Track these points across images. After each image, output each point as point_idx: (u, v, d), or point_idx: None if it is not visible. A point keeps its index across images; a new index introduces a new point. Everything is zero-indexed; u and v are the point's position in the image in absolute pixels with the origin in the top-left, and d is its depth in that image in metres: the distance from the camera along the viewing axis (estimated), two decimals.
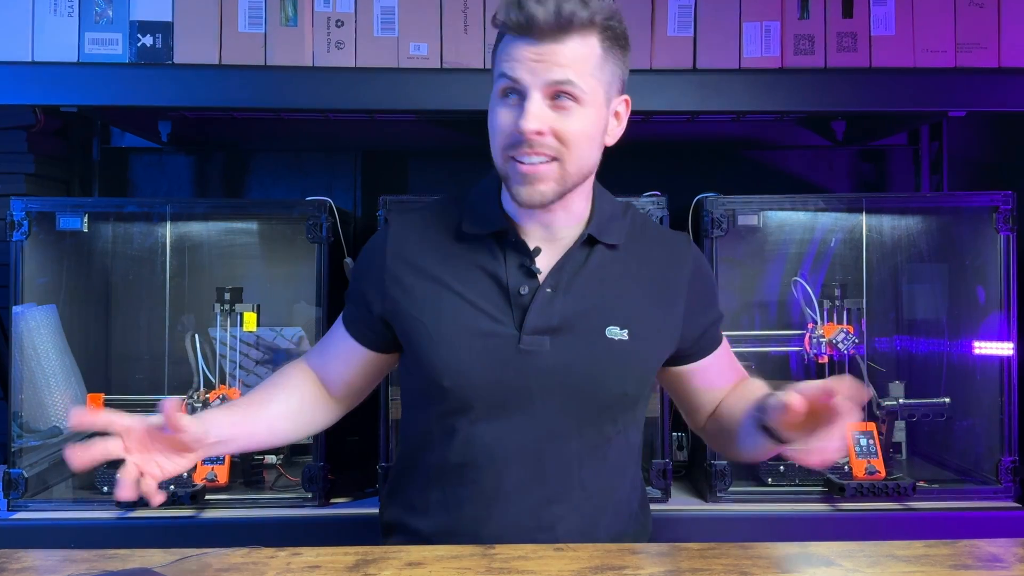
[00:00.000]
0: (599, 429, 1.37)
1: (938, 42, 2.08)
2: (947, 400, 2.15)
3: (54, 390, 2.16)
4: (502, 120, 1.28)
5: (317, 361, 1.50)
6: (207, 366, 2.20)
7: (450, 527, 1.37)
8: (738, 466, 2.08)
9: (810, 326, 2.20)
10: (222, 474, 2.05)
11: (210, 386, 2.17)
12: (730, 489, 2.07)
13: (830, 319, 2.21)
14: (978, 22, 2.08)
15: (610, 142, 1.36)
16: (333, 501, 2.10)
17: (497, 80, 1.29)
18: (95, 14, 2.04)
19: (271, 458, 2.22)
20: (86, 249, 2.32)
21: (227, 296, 2.16)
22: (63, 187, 2.49)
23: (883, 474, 2.06)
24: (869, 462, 2.06)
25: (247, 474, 2.14)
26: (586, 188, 1.37)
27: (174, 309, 2.22)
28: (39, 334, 2.14)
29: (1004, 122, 2.62)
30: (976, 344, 2.20)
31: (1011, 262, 2.10)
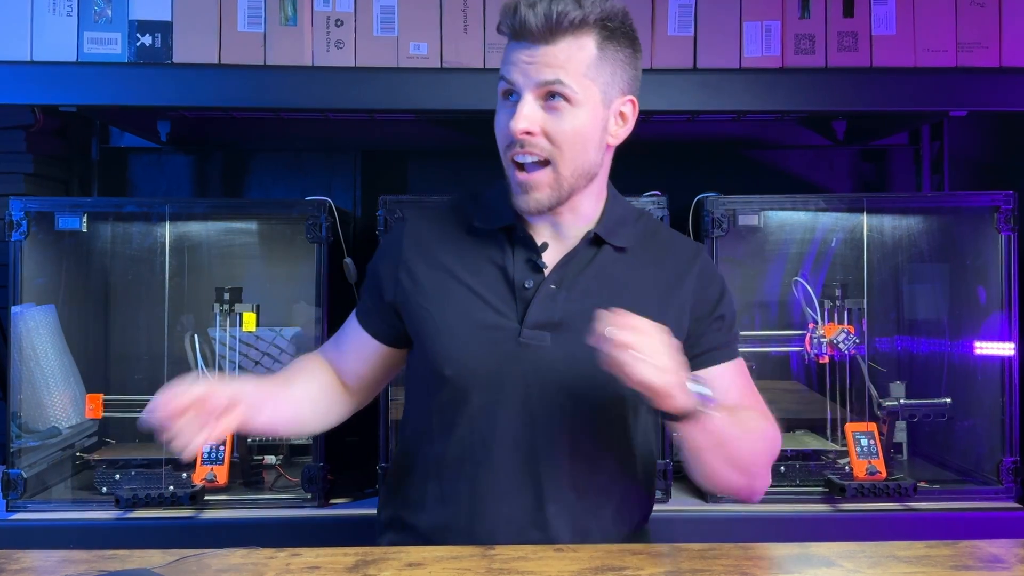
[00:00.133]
0: (596, 432, 1.37)
1: (939, 42, 2.08)
2: (948, 400, 2.15)
3: (53, 390, 2.16)
4: (501, 121, 1.33)
5: (332, 354, 1.53)
6: (206, 366, 2.20)
7: (445, 523, 1.38)
8: None
9: (811, 326, 2.20)
10: (221, 475, 2.05)
11: None
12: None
13: (831, 319, 2.20)
14: (979, 21, 2.08)
15: (613, 143, 1.37)
16: (333, 502, 2.10)
17: (499, 83, 1.33)
18: (94, 13, 2.03)
19: (270, 458, 2.22)
20: (85, 249, 2.32)
21: (226, 296, 2.16)
22: (62, 187, 2.49)
23: (884, 474, 2.06)
24: (870, 462, 2.06)
25: (246, 475, 2.13)
26: (595, 189, 1.38)
27: (173, 309, 2.21)
28: (38, 334, 2.14)
29: (1005, 122, 2.62)
30: (977, 344, 2.19)
31: (1012, 262, 2.10)
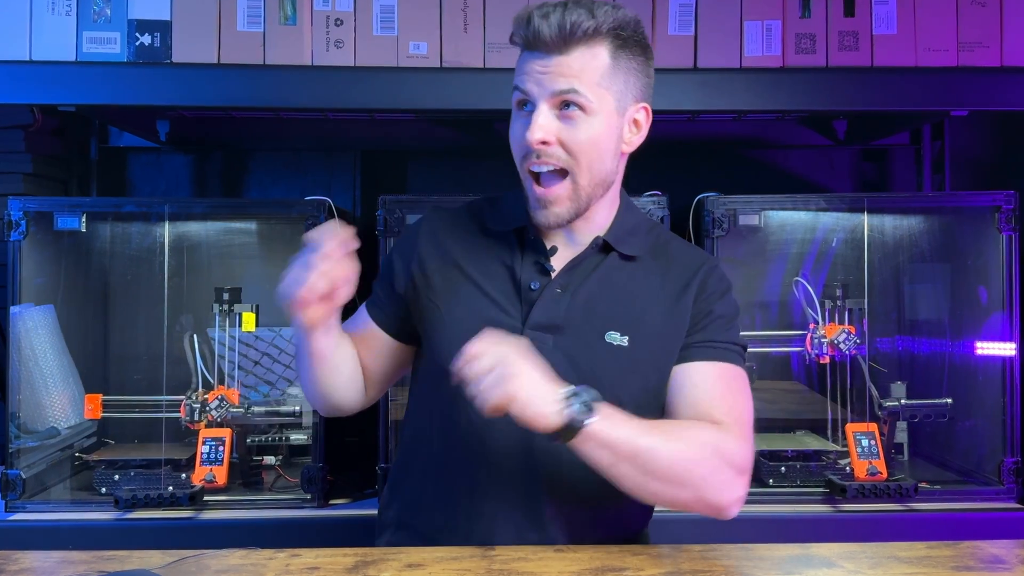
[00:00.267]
0: None
1: (940, 41, 2.08)
2: (949, 401, 2.15)
3: (52, 391, 2.15)
4: (516, 131, 1.34)
5: None
6: (206, 366, 2.19)
7: (443, 523, 1.37)
8: None
9: (812, 326, 2.19)
10: (220, 475, 2.05)
11: (209, 387, 2.16)
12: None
13: (832, 319, 2.20)
14: (980, 21, 2.08)
15: (628, 150, 1.37)
16: (332, 502, 2.10)
17: (513, 93, 1.34)
18: (93, 13, 2.03)
19: (270, 459, 2.22)
20: (84, 249, 2.32)
21: (226, 296, 2.16)
22: (61, 187, 2.49)
23: (885, 475, 2.05)
24: (871, 463, 2.06)
25: (246, 475, 2.13)
26: (609, 198, 1.39)
27: (172, 309, 2.21)
28: (37, 334, 2.14)
29: (1006, 121, 2.62)
30: (978, 344, 2.19)
31: (1013, 262, 2.10)
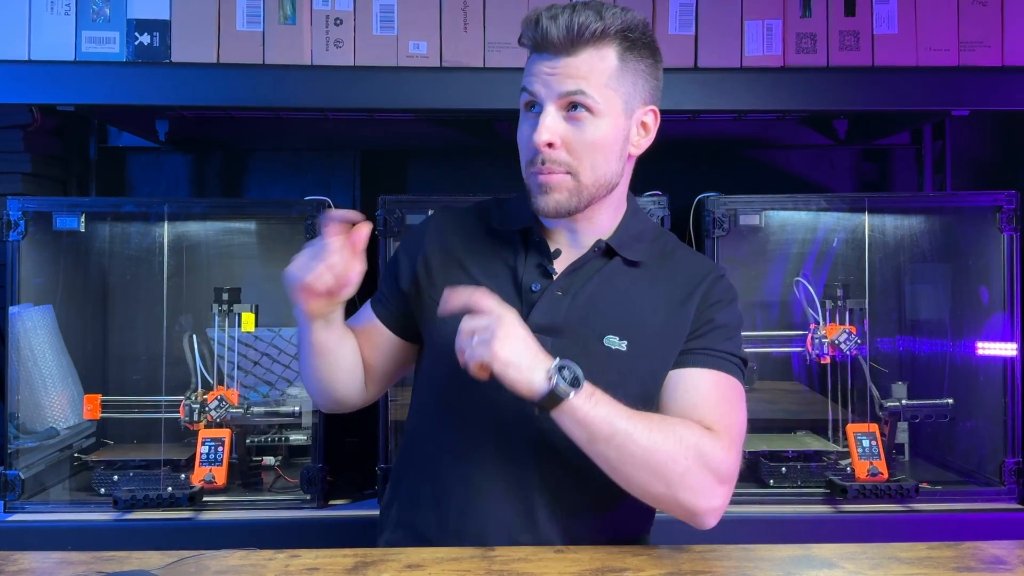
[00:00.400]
0: None
1: (941, 41, 2.08)
2: (950, 401, 2.14)
3: (51, 391, 2.15)
4: (523, 133, 1.34)
5: None
6: (205, 367, 2.19)
7: (438, 523, 1.37)
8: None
9: (812, 326, 2.19)
10: (220, 476, 2.04)
11: (208, 387, 2.16)
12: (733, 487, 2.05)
13: (832, 319, 2.20)
14: (981, 21, 2.08)
15: (635, 153, 1.37)
16: (332, 503, 2.10)
17: (521, 94, 1.34)
18: (92, 12, 2.03)
19: (269, 459, 2.22)
20: (83, 249, 2.32)
21: (225, 296, 2.15)
22: (60, 187, 2.48)
23: (886, 475, 2.05)
24: (872, 463, 2.06)
25: (245, 476, 2.13)
26: (613, 201, 1.39)
27: (172, 309, 2.21)
28: (36, 335, 2.13)
29: (1008, 121, 2.61)
30: (979, 345, 2.19)
31: (1015, 262, 2.09)
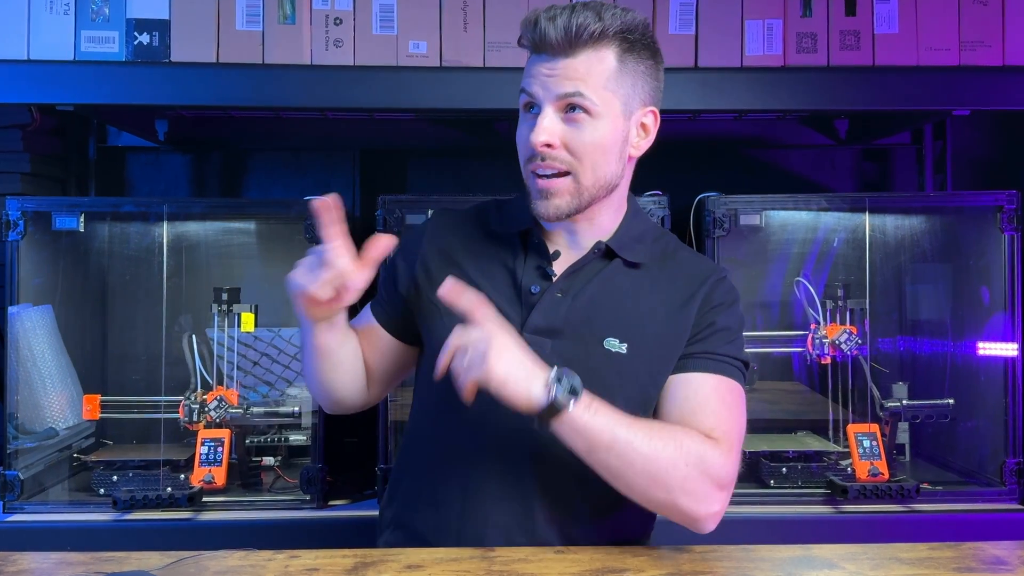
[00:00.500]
0: None
1: (942, 40, 2.07)
2: (951, 401, 2.14)
3: (50, 391, 2.15)
4: (522, 134, 1.33)
5: None
6: (204, 367, 2.19)
7: (436, 524, 1.37)
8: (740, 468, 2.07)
9: (813, 327, 2.19)
10: (219, 476, 2.04)
11: (207, 387, 2.16)
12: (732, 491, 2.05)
13: (833, 319, 2.19)
14: (982, 20, 2.07)
15: (635, 154, 1.37)
16: (331, 503, 2.09)
17: (520, 95, 1.34)
18: (91, 12, 2.03)
19: (269, 460, 2.21)
20: (82, 249, 2.31)
21: (224, 296, 2.15)
22: (59, 186, 2.48)
23: (886, 476, 2.05)
24: (872, 464, 2.05)
25: (244, 476, 2.13)
26: (614, 202, 1.38)
27: (171, 309, 2.20)
28: (35, 335, 2.13)
29: (1008, 121, 2.61)
30: (980, 345, 2.19)
31: (1015, 262, 2.09)
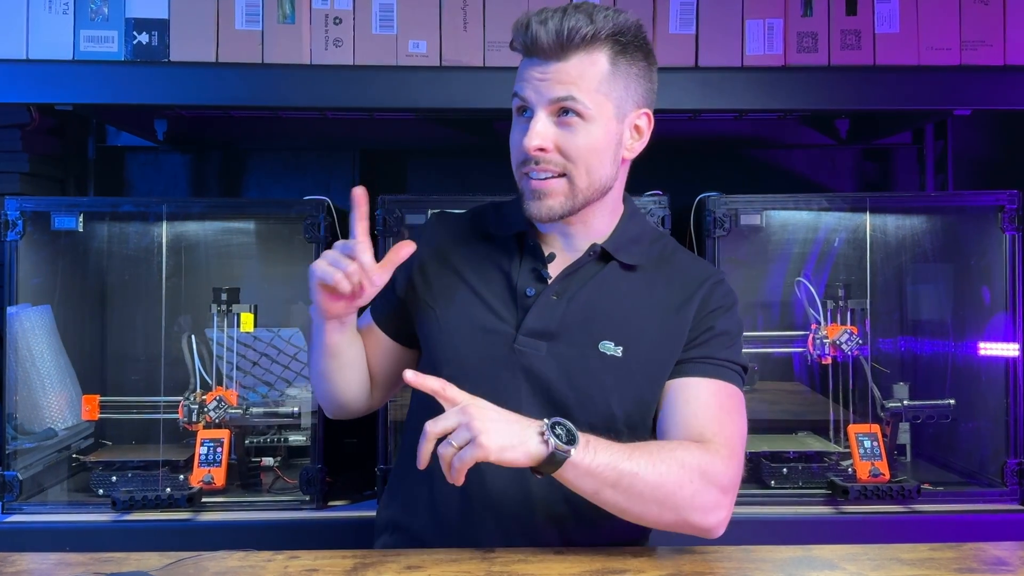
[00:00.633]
0: None
1: (943, 40, 2.07)
2: (952, 402, 2.13)
3: (49, 392, 2.15)
4: (515, 138, 1.33)
5: None
6: (204, 367, 2.18)
7: (436, 527, 1.37)
8: None
9: (813, 327, 2.18)
10: (219, 477, 2.03)
11: (207, 387, 2.15)
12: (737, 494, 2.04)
13: (834, 320, 2.19)
14: (983, 20, 2.07)
15: (629, 156, 1.37)
16: (331, 504, 2.09)
17: (512, 99, 1.33)
18: (90, 12, 2.02)
19: (268, 460, 2.21)
20: (81, 249, 2.31)
21: (224, 296, 2.14)
22: (58, 186, 2.48)
23: (887, 476, 2.04)
24: (873, 464, 2.05)
25: (244, 476, 2.12)
26: (609, 204, 1.38)
27: (170, 310, 2.20)
28: (34, 335, 2.13)
29: (1009, 120, 2.61)
30: (981, 345, 2.18)
31: (1017, 262, 2.08)
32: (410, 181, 2.69)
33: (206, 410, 2.06)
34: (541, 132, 1.27)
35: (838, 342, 2.13)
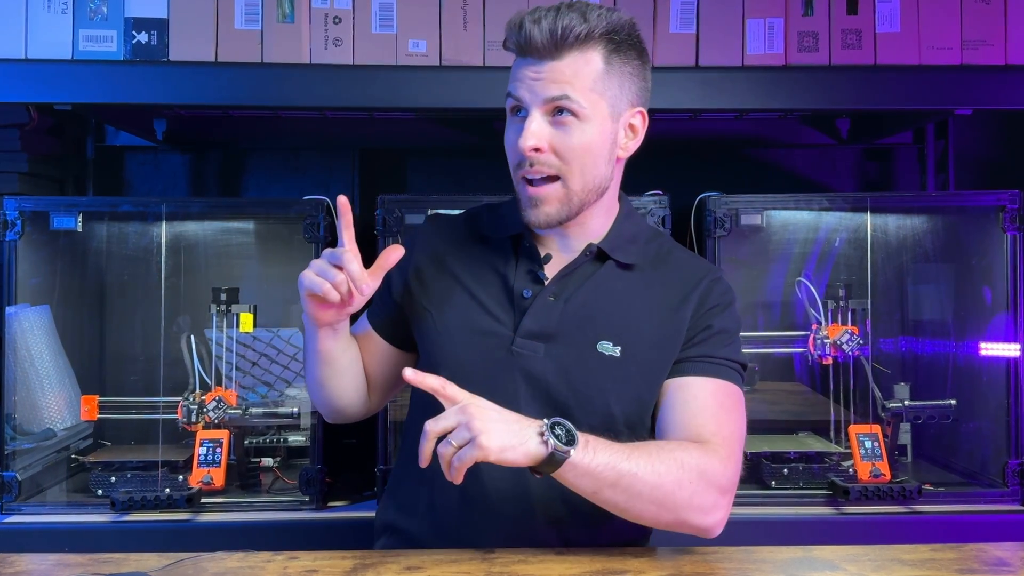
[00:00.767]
0: None
1: (944, 39, 2.07)
2: (953, 402, 2.13)
3: (48, 392, 2.14)
4: (510, 138, 1.33)
5: None
6: (203, 367, 2.18)
7: (435, 529, 1.37)
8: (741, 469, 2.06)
9: (814, 327, 2.18)
10: (218, 477, 2.03)
11: (206, 388, 2.15)
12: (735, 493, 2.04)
13: (834, 320, 2.19)
14: (984, 19, 2.07)
15: (624, 156, 1.36)
16: (331, 504, 2.09)
17: (506, 99, 1.33)
18: (89, 11, 2.02)
19: (267, 461, 2.20)
20: (80, 249, 2.31)
21: (223, 297, 2.14)
22: (57, 186, 2.47)
23: (888, 477, 2.04)
24: (874, 465, 2.05)
25: (243, 477, 2.12)
26: (604, 204, 1.38)
27: (169, 310, 2.20)
28: (32, 335, 2.12)
29: (1011, 120, 2.61)
30: (982, 345, 2.18)
31: (1018, 262, 2.08)
32: (410, 181, 2.69)
33: (205, 410, 2.05)
34: (536, 132, 1.27)
35: (839, 342, 2.13)
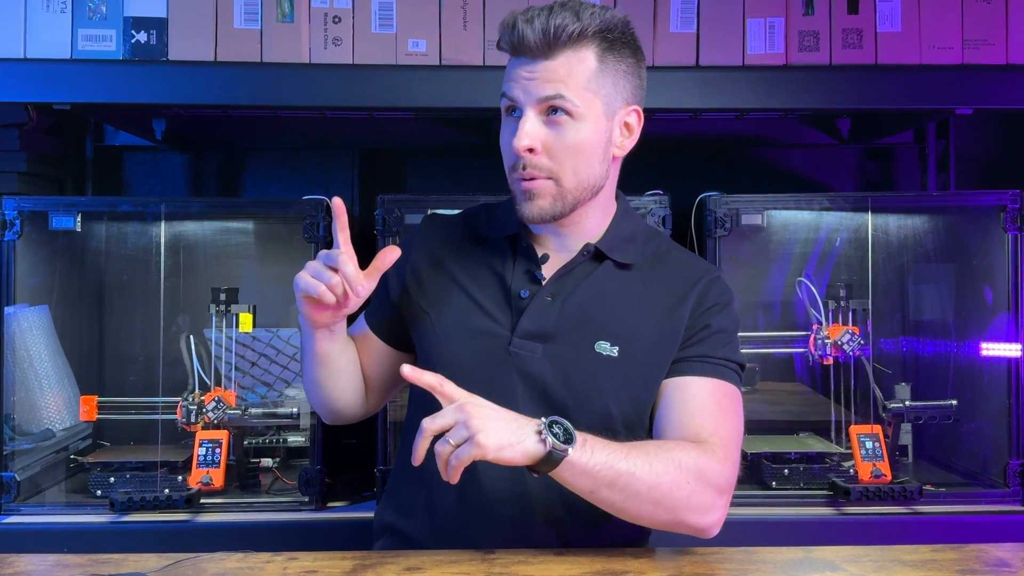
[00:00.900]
0: None
1: (945, 38, 2.07)
2: (954, 402, 2.13)
3: (47, 392, 2.14)
4: (505, 139, 1.33)
5: None
6: (202, 368, 2.18)
7: (434, 531, 1.37)
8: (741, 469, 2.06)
9: (815, 327, 2.18)
10: (217, 477, 2.03)
11: (205, 388, 2.15)
12: (734, 493, 2.03)
13: (835, 320, 2.18)
14: (985, 18, 2.07)
15: (620, 154, 1.36)
16: (330, 505, 2.08)
17: (501, 99, 1.33)
18: (88, 10, 2.02)
19: (267, 461, 2.20)
20: (79, 249, 2.30)
21: (222, 297, 2.14)
22: (56, 186, 2.47)
23: (889, 477, 2.04)
24: (875, 465, 2.04)
25: (243, 477, 2.12)
26: (600, 203, 1.37)
27: (169, 310, 2.19)
28: (31, 335, 2.12)
29: (1012, 120, 2.60)
30: (983, 345, 2.18)
31: (1019, 262, 2.08)
32: (409, 180, 2.69)
33: (204, 411, 2.05)
34: (530, 132, 1.27)
35: (839, 342, 2.13)
